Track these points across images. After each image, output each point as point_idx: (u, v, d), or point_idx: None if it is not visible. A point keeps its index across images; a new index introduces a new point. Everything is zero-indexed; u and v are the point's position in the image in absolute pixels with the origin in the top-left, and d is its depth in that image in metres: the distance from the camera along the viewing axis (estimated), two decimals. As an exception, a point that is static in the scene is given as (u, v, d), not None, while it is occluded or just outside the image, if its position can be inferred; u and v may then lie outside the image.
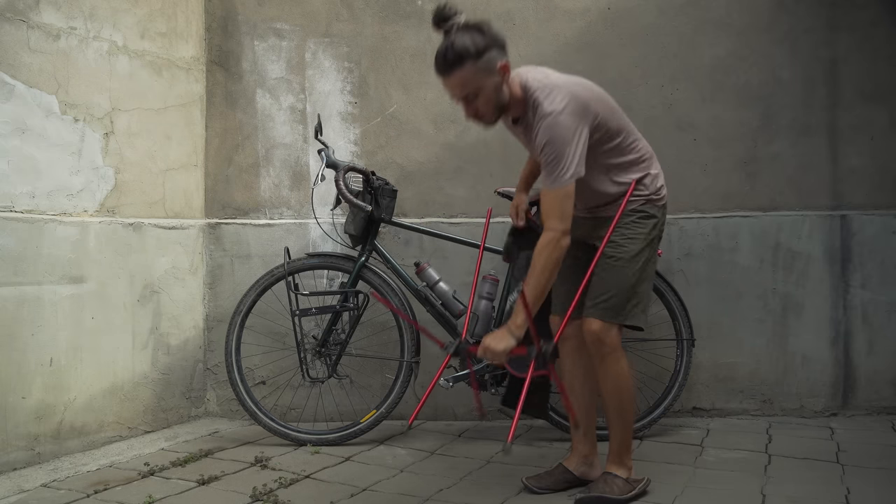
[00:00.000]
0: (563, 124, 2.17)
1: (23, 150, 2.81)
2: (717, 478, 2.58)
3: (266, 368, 3.50)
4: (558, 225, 2.19)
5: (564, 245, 2.20)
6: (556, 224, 2.19)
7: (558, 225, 2.19)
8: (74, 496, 2.49)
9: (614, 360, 2.35)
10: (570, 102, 2.19)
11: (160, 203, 3.37)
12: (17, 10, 2.80)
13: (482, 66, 2.17)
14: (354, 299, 3.06)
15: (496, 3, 3.51)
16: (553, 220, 2.20)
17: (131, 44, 3.24)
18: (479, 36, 2.17)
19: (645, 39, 3.47)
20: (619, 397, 2.38)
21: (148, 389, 3.30)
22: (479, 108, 2.24)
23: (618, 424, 2.40)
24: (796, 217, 3.42)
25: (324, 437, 3.07)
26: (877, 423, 3.26)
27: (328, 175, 3.06)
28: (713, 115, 3.45)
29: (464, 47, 2.15)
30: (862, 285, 3.39)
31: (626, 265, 2.34)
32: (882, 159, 3.40)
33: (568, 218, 2.20)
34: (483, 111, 2.25)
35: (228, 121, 3.60)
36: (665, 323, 3.17)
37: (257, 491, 2.48)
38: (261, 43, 3.58)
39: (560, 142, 2.17)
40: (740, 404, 3.42)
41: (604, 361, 2.35)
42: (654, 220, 2.41)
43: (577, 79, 2.34)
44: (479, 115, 2.26)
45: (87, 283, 3.03)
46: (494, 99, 2.23)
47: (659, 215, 2.44)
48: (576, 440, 2.54)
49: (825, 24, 3.42)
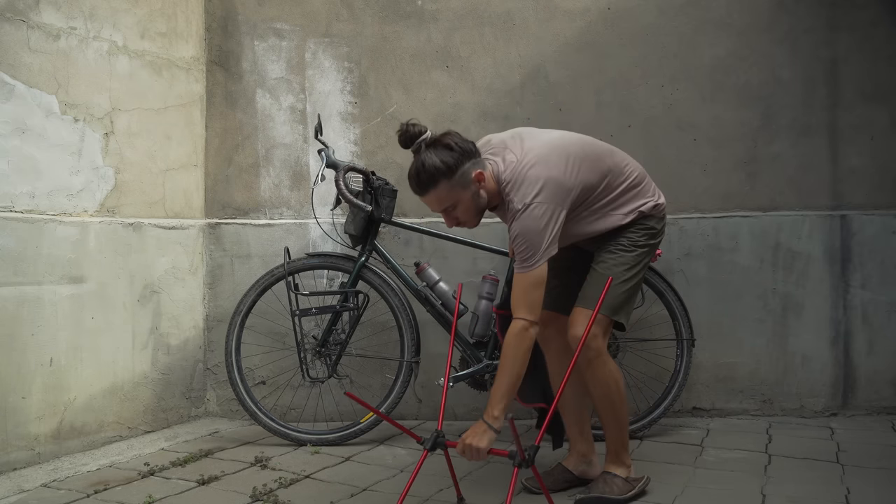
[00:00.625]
0: (534, 216, 2.17)
1: (23, 150, 2.81)
2: (717, 478, 2.58)
3: (266, 368, 3.50)
4: (527, 315, 2.17)
5: (533, 335, 2.19)
6: (525, 314, 2.17)
7: (527, 315, 2.17)
8: (74, 496, 2.49)
9: (601, 363, 2.34)
10: (541, 190, 2.18)
11: (160, 203, 3.37)
12: (17, 10, 2.80)
13: (456, 181, 2.19)
14: (354, 299, 3.06)
15: (496, 3, 3.51)
16: (522, 310, 2.18)
17: (131, 44, 3.24)
18: (447, 153, 2.17)
19: (645, 39, 3.47)
20: (610, 399, 2.37)
21: (148, 389, 3.30)
22: (458, 216, 2.27)
23: (612, 425, 2.40)
24: (796, 217, 3.42)
25: (324, 437, 3.07)
26: (877, 423, 3.26)
27: (328, 175, 3.07)
28: (713, 115, 3.45)
29: (434, 168, 2.16)
30: (862, 285, 3.39)
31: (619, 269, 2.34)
32: (882, 159, 3.40)
33: (537, 307, 2.19)
34: (464, 219, 2.28)
35: (228, 121, 3.60)
36: (665, 323, 3.17)
37: (257, 491, 2.48)
38: (261, 43, 3.59)
39: (531, 233, 2.17)
40: (740, 404, 3.42)
41: (590, 366, 2.34)
42: (654, 230, 2.43)
43: (555, 141, 2.30)
44: (461, 222, 2.30)
45: (87, 283, 3.03)
46: (473, 206, 2.25)
47: (659, 227, 2.46)
48: (573, 440, 2.55)
49: (825, 24, 3.42)
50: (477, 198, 2.24)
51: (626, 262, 2.36)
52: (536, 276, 2.18)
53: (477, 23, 3.52)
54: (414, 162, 2.21)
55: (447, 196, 2.21)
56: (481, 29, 3.52)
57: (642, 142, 3.41)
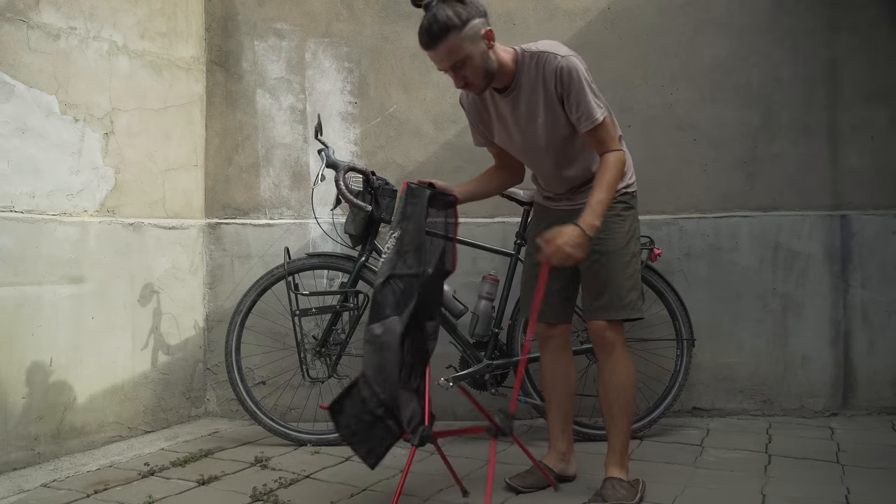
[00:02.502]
0: (579, 66, 2.24)
1: (23, 150, 2.81)
2: (717, 478, 2.58)
3: (266, 368, 3.50)
4: (615, 146, 2.29)
5: (623, 157, 2.31)
6: (616, 145, 2.30)
7: (615, 146, 2.29)
8: (74, 496, 2.49)
9: (623, 356, 2.39)
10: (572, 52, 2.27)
11: (160, 203, 3.37)
12: (17, 10, 2.80)
13: (467, 34, 2.18)
14: (354, 299, 3.06)
15: (496, 3, 3.51)
16: (609, 145, 2.27)
17: (131, 44, 3.24)
18: (460, 6, 2.18)
19: (645, 39, 3.47)
20: (625, 395, 2.39)
21: (148, 389, 3.30)
22: (467, 76, 2.24)
23: (621, 423, 2.41)
24: (796, 217, 3.42)
25: (324, 437, 3.07)
26: (877, 423, 3.26)
27: (328, 175, 3.06)
28: (713, 115, 3.45)
29: (447, 18, 2.16)
30: (862, 285, 3.39)
31: (618, 260, 2.36)
32: (882, 159, 3.40)
33: (616, 142, 2.30)
34: (472, 79, 2.26)
35: (228, 121, 3.60)
36: (665, 323, 3.17)
37: (257, 491, 2.48)
38: (261, 43, 3.58)
39: (585, 79, 2.24)
40: (740, 404, 3.42)
41: (612, 355, 2.38)
42: (633, 211, 2.46)
43: None
44: (469, 83, 2.27)
45: (87, 283, 3.03)
46: (483, 66, 2.24)
47: (635, 205, 2.48)
48: (554, 437, 2.58)
49: (825, 24, 3.42)
50: (486, 58, 2.23)
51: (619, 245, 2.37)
52: (607, 124, 2.27)
53: (477, 23, 3.52)
54: (425, 16, 2.20)
55: (458, 49, 2.18)
56: (481, 29, 3.52)
57: (642, 142, 3.41)
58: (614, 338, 2.37)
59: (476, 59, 2.21)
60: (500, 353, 3.08)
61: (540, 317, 2.54)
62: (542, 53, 2.26)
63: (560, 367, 2.57)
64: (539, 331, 2.58)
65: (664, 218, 3.44)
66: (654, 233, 3.32)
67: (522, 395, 3.07)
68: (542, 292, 2.27)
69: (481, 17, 2.22)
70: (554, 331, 2.55)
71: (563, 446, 2.57)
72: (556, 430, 2.58)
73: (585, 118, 2.24)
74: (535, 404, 3.07)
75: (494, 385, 3.07)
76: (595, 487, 2.40)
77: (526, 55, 2.29)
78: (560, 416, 2.57)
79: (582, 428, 3.04)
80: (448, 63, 2.22)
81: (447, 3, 2.18)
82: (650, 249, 3.07)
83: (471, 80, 2.26)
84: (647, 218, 3.38)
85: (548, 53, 2.25)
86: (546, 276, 2.25)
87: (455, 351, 3.10)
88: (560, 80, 2.23)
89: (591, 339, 2.42)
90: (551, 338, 2.56)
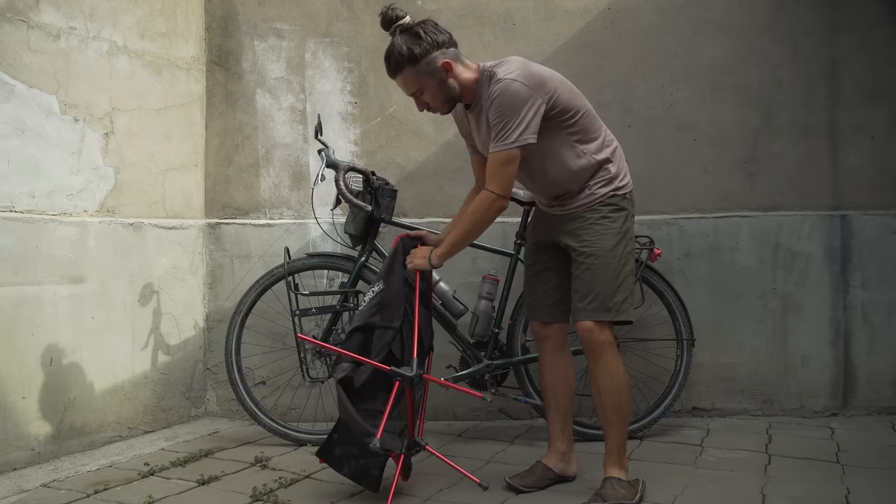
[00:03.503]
0: (515, 90, 2.23)
1: (23, 150, 2.81)
2: (717, 478, 2.58)
3: (266, 368, 3.50)
4: (496, 189, 2.29)
5: (498, 207, 2.32)
6: (495, 188, 2.29)
7: (496, 189, 2.29)
8: (74, 496, 2.49)
9: (611, 356, 2.38)
10: (525, 74, 2.27)
11: (160, 203, 3.37)
12: (17, 10, 2.80)
13: (422, 68, 2.30)
14: (354, 299, 3.06)
15: (496, 3, 3.51)
16: (493, 183, 2.30)
17: (131, 44, 3.24)
18: (416, 41, 2.29)
19: (645, 39, 3.47)
20: (617, 396, 2.39)
21: (148, 389, 3.30)
22: (427, 102, 2.39)
23: (616, 423, 2.41)
24: (796, 217, 3.42)
25: (324, 438, 3.06)
26: (877, 423, 3.26)
27: (328, 175, 3.06)
28: (713, 115, 3.45)
29: (400, 55, 2.30)
30: (862, 285, 3.39)
31: (606, 262, 2.36)
32: (882, 159, 3.40)
33: (508, 184, 2.30)
34: (432, 104, 2.39)
35: (228, 121, 3.60)
36: (665, 323, 3.17)
37: (257, 491, 2.49)
38: (261, 43, 3.58)
39: (509, 105, 2.23)
40: (740, 404, 3.42)
41: (601, 359, 2.37)
42: (625, 212, 2.43)
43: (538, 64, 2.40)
44: (430, 108, 2.41)
45: (87, 283, 3.03)
46: (441, 94, 2.35)
47: (629, 207, 2.46)
48: (553, 438, 2.59)
49: (825, 24, 3.42)
50: (444, 86, 2.33)
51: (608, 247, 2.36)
52: (508, 156, 2.26)
53: (477, 23, 3.52)
54: (389, 44, 2.33)
55: (413, 81, 2.33)
56: (481, 29, 3.52)
57: (642, 142, 3.41)
58: (602, 340, 2.36)
59: (432, 88, 2.34)
60: (500, 353, 3.08)
61: (534, 315, 2.60)
62: (494, 73, 2.29)
63: (558, 368, 2.57)
64: (535, 330, 2.61)
65: (664, 218, 3.44)
66: (654, 233, 3.32)
67: (522, 395, 3.07)
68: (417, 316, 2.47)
69: (439, 49, 2.30)
70: (549, 330, 2.56)
71: (563, 446, 2.58)
72: (555, 430, 2.58)
73: (493, 139, 2.27)
74: (535, 404, 3.07)
75: (494, 385, 3.07)
76: (595, 487, 2.40)
77: (485, 74, 2.34)
78: (559, 416, 2.58)
79: (582, 428, 3.04)
80: (407, 92, 2.39)
81: (405, 37, 2.30)
82: (650, 249, 3.07)
83: (431, 106, 2.40)
84: (648, 218, 3.38)
85: (496, 73, 2.28)
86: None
87: (455, 351, 3.10)
88: (491, 99, 2.27)
89: (580, 341, 2.41)
90: (547, 338, 2.57)
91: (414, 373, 2.40)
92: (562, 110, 2.31)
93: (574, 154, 2.37)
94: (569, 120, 2.34)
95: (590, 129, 2.39)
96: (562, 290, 2.53)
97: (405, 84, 2.35)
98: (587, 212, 2.39)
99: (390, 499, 2.31)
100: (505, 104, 2.23)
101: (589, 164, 2.38)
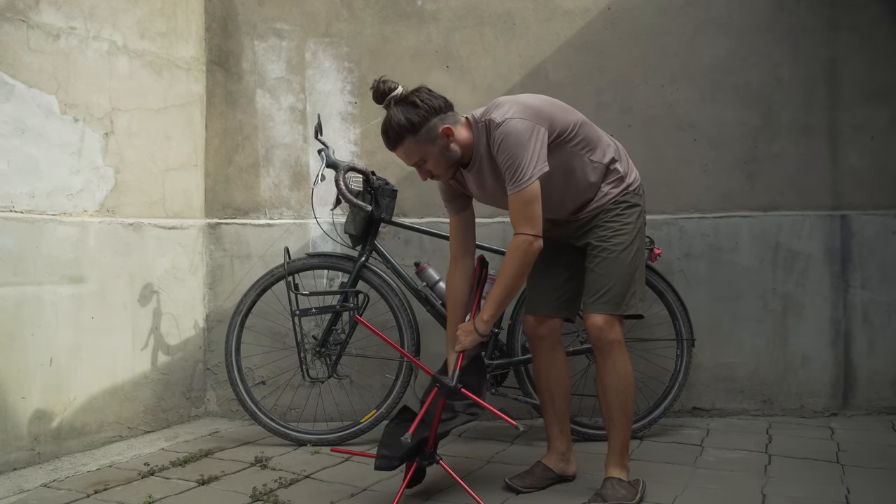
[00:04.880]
0: (517, 127, 2.21)
1: (23, 150, 2.81)
2: (717, 478, 2.58)
3: (266, 368, 3.50)
4: (529, 230, 2.23)
5: (537, 248, 2.25)
6: (528, 229, 2.23)
7: (529, 230, 2.23)
8: (74, 496, 2.49)
9: (620, 355, 2.38)
10: (520, 109, 2.25)
11: (160, 203, 3.37)
12: (17, 10, 2.80)
13: (422, 137, 2.26)
14: (354, 299, 3.06)
15: (496, 3, 3.51)
16: (524, 225, 2.23)
17: (131, 44, 3.24)
18: (413, 111, 2.25)
19: (645, 39, 3.47)
20: (624, 396, 2.39)
21: (148, 389, 3.30)
22: (431, 170, 2.35)
23: (621, 422, 2.41)
24: (796, 217, 3.42)
25: (324, 438, 3.07)
26: (877, 423, 3.26)
27: (328, 175, 3.07)
28: (713, 115, 3.45)
29: (399, 126, 2.25)
30: (862, 285, 3.39)
31: (620, 257, 2.37)
32: (882, 159, 3.40)
33: (537, 221, 2.23)
34: (436, 172, 2.35)
35: (228, 121, 3.60)
36: (665, 323, 3.17)
37: (257, 491, 2.49)
38: (261, 43, 3.58)
39: (516, 143, 2.21)
40: (740, 404, 3.42)
41: (610, 355, 2.38)
42: (638, 208, 2.46)
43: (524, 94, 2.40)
44: (434, 175, 2.37)
45: (87, 283, 3.03)
46: (444, 159, 2.31)
47: (641, 203, 2.48)
48: (553, 438, 2.59)
49: (825, 24, 3.42)
50: (447, 151, 2.30)
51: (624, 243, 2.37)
52: (530, 193, 2.21)
53: (477, 23, 3.52)
54: (385, 117, 2.29)
55: (415, 151, 2.29)
56: (481, 29, 3.52)
57: (642, 142, 3.41)
58: (612, 338, 2.36)
59: (435, 155, 2.30)
60: (501, 353, 3.08)
61: (533, 309, 2.58)
62: (491, 121, 2.26)
63: (553, 369, 2.56)
64: (529, 330, 2.59)
65: (664, 218, 3.44)
66: (654, 233, 3.32)
67: (522, 395, 3.07)
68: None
69: (437, 116, 2.26)
70: (543, 329, 2.54)
71: (562, 446, 2.58)
72: (553, 430, 2.58)
73: (510, 181, 2.23)
74: (534, 404, 3.07)
75: (494, 385, 3.07)
76: (595, 487, 2.40)
77: (479, 125, 2.30)
78: (557, 416, 2.58)
79: (582, 428, 3.04)
80: (409, 162, 2.34)
81: (401, 107, 2.25)
82: (650, 249, 3.07)
83: (435, 173, 2.35)
84: (648, 218, 3.35)
85: (493, 120, 2.25)
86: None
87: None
88: (496, 145, 2.24)
89: (589, 337, 2.41)
90: (541, 338, 2.55)
91: (454, 384, 2.33)
92: (561, 131, 2.32)
93: (585, 163, 2.38)
94: (570, 135, 2.34)
95: (591, 137, 2.40)
96: (569, 285, 2.53)
97: (407, 155, 2.31)
98: (601, 212, 2.41)
99: (397, 500, 2.30)
100: (512, 144, 2.21)
101: (600, 169, 2.40)
